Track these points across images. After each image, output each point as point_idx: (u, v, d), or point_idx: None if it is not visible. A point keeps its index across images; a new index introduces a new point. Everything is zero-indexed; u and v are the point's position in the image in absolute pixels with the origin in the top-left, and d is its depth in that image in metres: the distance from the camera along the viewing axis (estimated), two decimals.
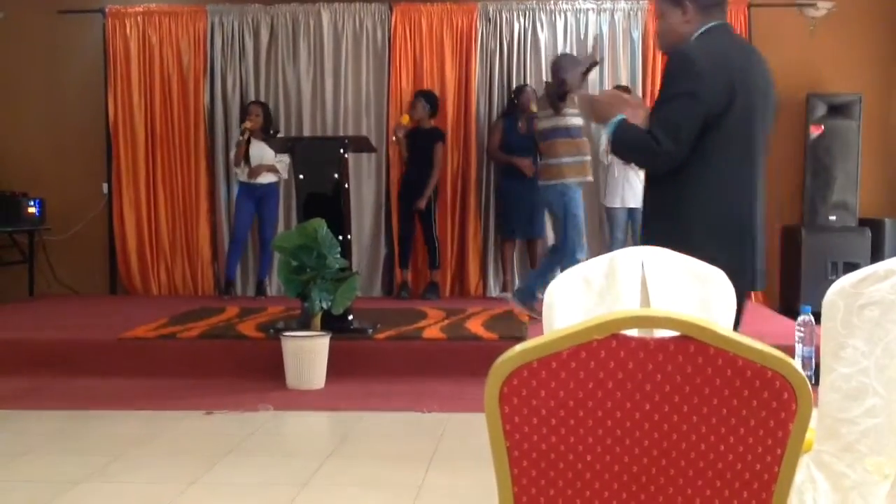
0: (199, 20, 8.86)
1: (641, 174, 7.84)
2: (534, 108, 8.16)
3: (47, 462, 4.31)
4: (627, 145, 3.09)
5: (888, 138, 8.58)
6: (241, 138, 8.24)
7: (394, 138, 8.31)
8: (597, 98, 3.22)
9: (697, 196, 2.99)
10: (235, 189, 8.65)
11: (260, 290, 8.57)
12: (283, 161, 8.21)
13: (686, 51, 2.99)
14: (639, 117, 3.07)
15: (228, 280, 8.54)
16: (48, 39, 8.94)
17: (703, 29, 3.04)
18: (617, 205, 8.09)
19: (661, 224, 3.06)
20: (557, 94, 7.04)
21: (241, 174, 8.37)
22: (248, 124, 8.19)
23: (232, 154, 8.51)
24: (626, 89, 7.83)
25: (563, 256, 6.85)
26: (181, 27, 8.89)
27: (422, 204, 8.27)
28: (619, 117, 3.03)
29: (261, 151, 8.20)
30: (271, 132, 8.35)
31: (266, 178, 8.34)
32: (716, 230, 2.99)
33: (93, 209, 8.99)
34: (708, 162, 2.96)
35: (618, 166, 7.97)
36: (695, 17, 3.04)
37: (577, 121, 7.08)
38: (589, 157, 7.20)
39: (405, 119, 8.23)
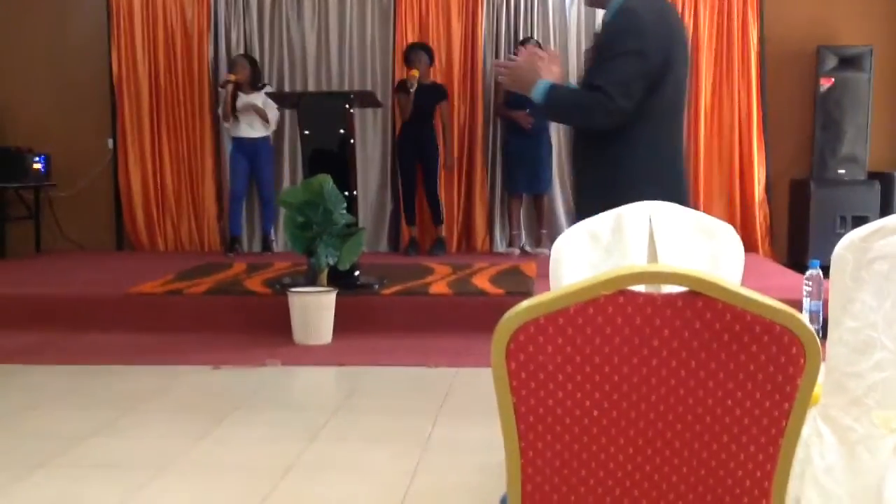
0: None
1: None
2: None
3: (55, 417, 4.34)
4: (569, 107, 3.01)
5: None
6: (223, 90, 8.19)
7: (411, 91, 8.11)
8: (516, 64, 3.02)
9: (639, 155, 2.96)
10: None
11: (266, 245, 8.59)
12: (271, 110, 8.19)
13: (633, 7, 2.94)
14: (554, 74, 3.02)
15: (234, 236, 8.54)
16: (52, 4, 8.88)
17: None
18: None
19: (597, 189, 3.01)
20: None
21: (232, 129, 8.34)
22: (231, 77, 8.14)
23: (220, 109, 8.46)
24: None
25: None
26: None
27: (449, 165, 8.29)
28: (545, 82, 2.94)
29: (249, 104, 8.15)
30: (259, 85, 8.29)
31: (256, 131, 8.28)
32: (657, 186, 2.93)
33: (98, 165, 8.97)
34: (648, 120, 2.95)
35: None
36: None
37: None
38: None
39: (415, 74, 8.06)
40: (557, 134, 8.55)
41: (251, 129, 8.27)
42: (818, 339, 1.39)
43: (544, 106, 2.99)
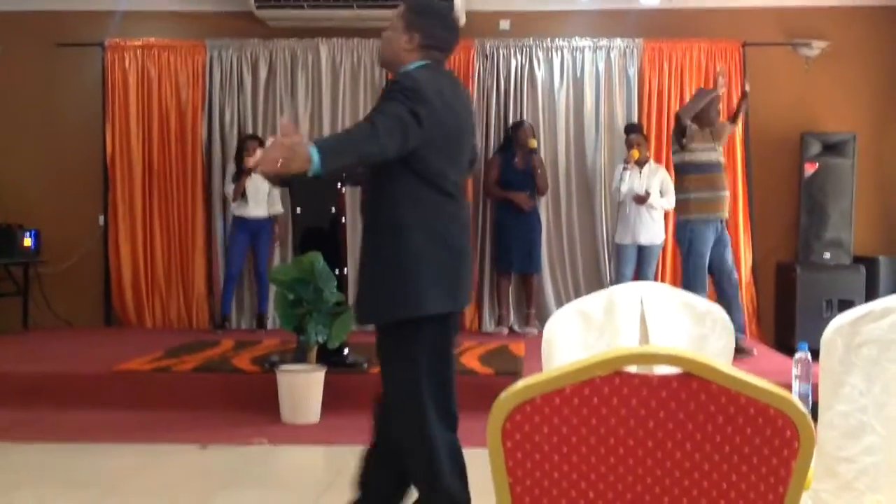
0: (198, 54, 8.91)
1: (655, 214, 7.90)
2: (532, 143, 8.20)
3: (40, 496, 4.28)
4: (343, 145, 3.08)
5: (882, 177, 8.63)
6: (243, 174, 8.23)
7: None
8: (279, 151, 2.93)
9: (415, 221, 3.13)
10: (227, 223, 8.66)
11: (260, 323, 8.56)
12: (275, 195, 8.29)
13: (416, 77, 3.17)
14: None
15: (225, 314, 8.54)
16: (47, 72, 8.98)
17: (422, 63, 3.24)
18: (627, 241, 8.04)
19: (379, 253, 3.18)
20: (677, 129, 6.96)
21: (238, 209, 8.38)
22: (250, 161, 8.19)
23: (229, 189, 8.50)
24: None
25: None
26: (180, 61, 8.94)
27: None
28: (311, 145, 2.94)
29: (256, 185, 8.22)
30: None
31: (261, 210, 8.35)
32: (432, 254, 3.13)
33: (89, 241, 8.98)
34: (422, 188, 3.14)
35: (629, 204, 7.94)
36: (416, 49, 3.24)
37: (707, 156, 6.94)
38: (723, 193, 6.96)
39: None
40: (547, 214, 8.63)
41: (257, 209, 8.33)
42: (812, 423, 1.40)
43: (329, 158, 2.94)
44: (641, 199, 7.79)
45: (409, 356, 3.16)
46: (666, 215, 8.17)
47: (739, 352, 6.71)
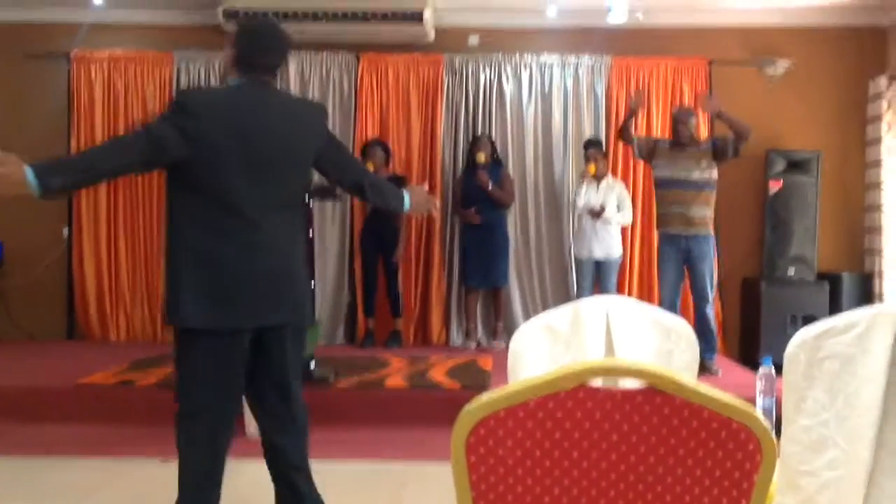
0: (166, 66, 8.86)
1: (611, 228, 7.95)
2: (479, 157, 8.16)
3: None
4: (66, 168, 3.37)
5: (845, 194, 8.73)
6: None
7: None
8: None
9: (183, 234, 3.22)
10: None
11: None
12: None
13: (191, 94, 3.69)
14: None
15: None
16: (13, 83, 8.89)
17: (238, 80, 3.31)
18: (584, 256, 8.11)
19: (167, 256, 3.31)
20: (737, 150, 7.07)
21: None
22: None
23: None
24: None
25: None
26: (147, 73, 8.88)
27: (397, 257, 8.28)
28: (27, 172, 3.21)
29: None
30: None
31: None
32: (192, 270, 3.20)
33: (53, 253, 8.89)
34: (197, 202, 3.19)
35: (586, 217, 8.02)
36: (234, 66, 3.32)
37: (665, 172, 7.06)
38: (680, 209, 7.00)
39: (370, 166, 8.14)
40: (514, 228, 8.65)
41: None
42: (774, 436, 1.41)
43: (48, 178, 3.24)
44: (596, 214, 7.85)
45: (180, 359, 3.37)
46: (624, 230, 8.27)
47: (705, 370, 6.78)
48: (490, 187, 8.03)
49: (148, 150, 3.11)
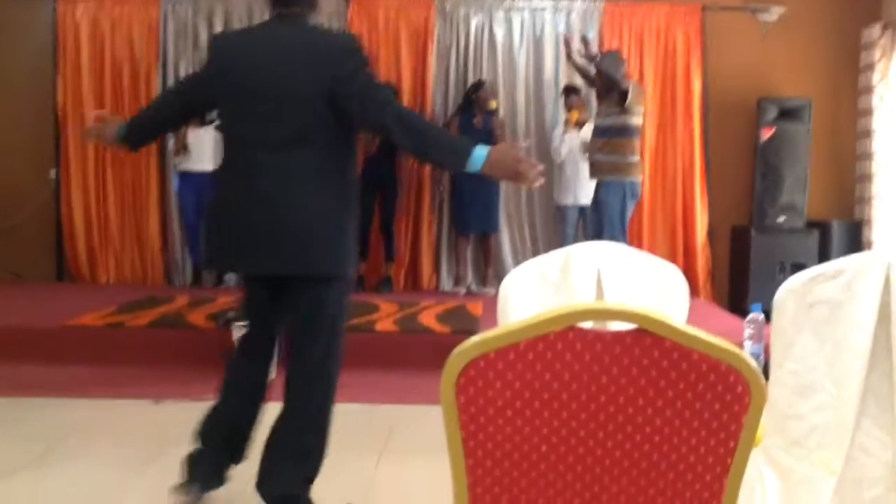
0: (152, 7, 8.73)
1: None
2: (492, 104, 8.16)
3: None
4: (140, 115, 3.61)
5: (836, 142, 8.72)
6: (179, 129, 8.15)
7: None
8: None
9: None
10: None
11: (220, 279, 8.49)
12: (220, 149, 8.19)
13: (217, 35, 3.73)
14: None
15: (197, 270, 8.54)
16: None
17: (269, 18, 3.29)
18: (569, 202, 8.12)
19: None
20: (617, 91, 6.87)
21: (182, 163, 8.31)
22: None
23: (170, 144, 8.42)
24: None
25: None
26: (133, 14, 8.74)
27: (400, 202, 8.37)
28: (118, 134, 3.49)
29: (199, 138, 8.13)
30: (208, 119, 8.26)
31: (205, 164, 8.24)
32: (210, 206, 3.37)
33: (41, 195, 8.84)
34: (224, 143, 3.31)
35: (569, 164, 8.01)
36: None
37: (638, 120, 6.98)
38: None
39: None
40: None
41: (201, 163, 8.21)
42: (762, 378, 1.42)
43: (131, 134, 3.55)
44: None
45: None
46: None
47: None
48: (498, 132, 8.07)
49: (173, 96, 3.36)
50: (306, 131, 3.12)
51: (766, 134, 8.35)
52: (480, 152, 2.85)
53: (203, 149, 8.15)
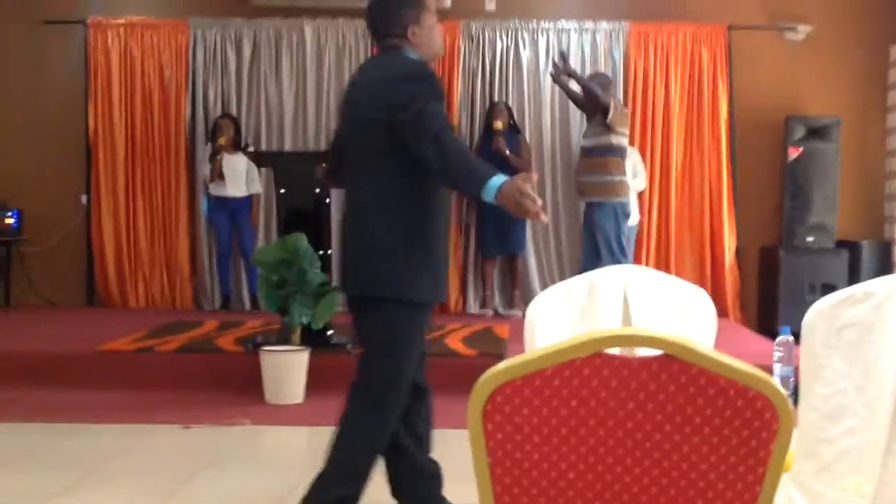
0: (182, 33, 8.85)
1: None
2: (496, 125, 8.15)
3: (21, 476, 4.27)
4: None
5: (866, 161, 8.66)
6: (216, 157, 8.22)
7: None
8: None
9: None
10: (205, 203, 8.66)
11: (256, 304, 8.48)
12: (253, 175, 8.26)
13: None
14: None
15: (226, 294, 8.56)
16: (30, 49, 8.90)
17: None
18: None
19: None
20: (601, 110, 6.88)
21: (214, 188, 8.37)
22: (221, 141, 8.20)
23: (205, 170, 8.48)
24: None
25: None
26: (163, 40, 8.87)
27: None
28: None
29: (234, 165, 8.20)
30: (242, 145, 8.34)
31: (239, 190, 8.32)
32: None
33: (71, 220, 8.93)
34: None
35: None
36: None
37: (623, 141, 7.02)
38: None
39: None
40: None
41: (234, 189, 8.29)
42: (791, 404, 1.41)
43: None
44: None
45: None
46: (640, 196, 8.25)
47: None
48: (507, 153, 8.00)
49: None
50: (366, 158, 3.18)
51: (794, 153, 8.30)
52: (495, 182, 2.84)
53: (237, 174, 8.20)
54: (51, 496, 3.94)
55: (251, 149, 8.38)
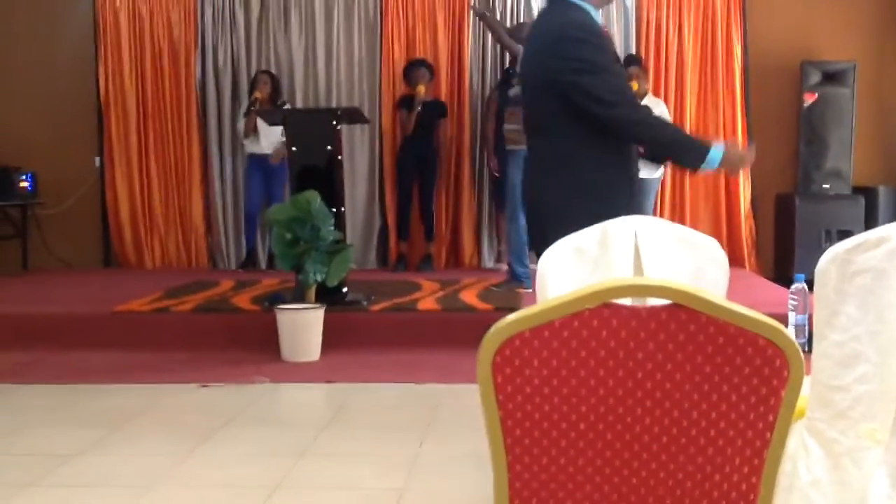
0: None
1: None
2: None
3: (43, 436, 4.32)
4: None
5: (882, 106, 8.56)
6: (251, 108, 8.19)
7: (418, 109, 8.17)
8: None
9: None
10: (229, 161, 8.64)
11: (272, 263, 8.51)
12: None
13: None
14: None
15: (249, 250, 8.60)
16: (39, 12, 8.88)
17: None
18: (643, 175, 7.99)
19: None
20: (511, 53, 7.02)
21: (250, 145, 8.35)
22: (257, 94, 8.17)
23: (240, 124, 8.47)
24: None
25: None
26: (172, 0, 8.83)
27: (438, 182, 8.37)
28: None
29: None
30: (279, 102, 8.31)
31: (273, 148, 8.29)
32: None
33: (85, 183, 8.96)
34: None
35: None
36: None
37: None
38: None
39: (421, 90, 8.14)
40: None
41: (270, 146, 8.27)
42: (801, 352, 1.40)
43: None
44: None
45: None
46: None
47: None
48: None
49: None
50: (545, 120, 3.16)
51: (809, 99, 8.21)
52: (717, 149, 3.06)
53: (271, 132, 8.12)
54: (77, 454, 3.99)
55: (287, 106, 8.36)
